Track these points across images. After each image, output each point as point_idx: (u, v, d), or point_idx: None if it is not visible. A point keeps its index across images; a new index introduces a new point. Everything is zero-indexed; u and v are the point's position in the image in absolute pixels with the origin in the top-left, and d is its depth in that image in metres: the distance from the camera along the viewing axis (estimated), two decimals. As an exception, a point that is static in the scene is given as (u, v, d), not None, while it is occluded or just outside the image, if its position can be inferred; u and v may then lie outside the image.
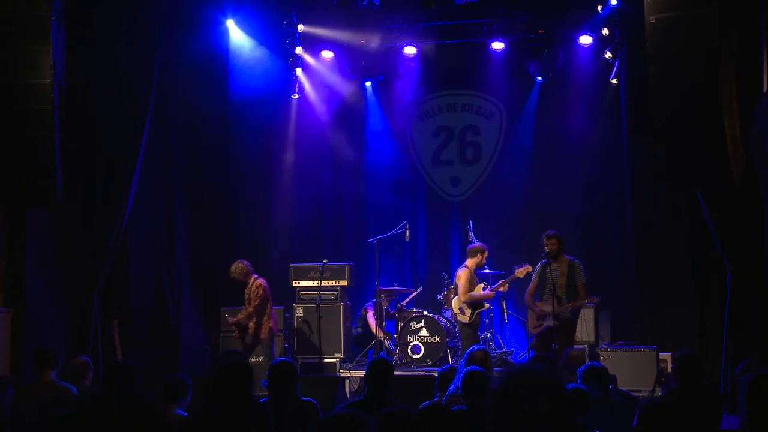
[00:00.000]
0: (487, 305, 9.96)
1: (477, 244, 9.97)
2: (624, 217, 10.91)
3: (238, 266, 9.64)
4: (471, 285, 9.76)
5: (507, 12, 11.10)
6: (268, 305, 9.64)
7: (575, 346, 7.67)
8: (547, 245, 9.02)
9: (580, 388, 5.19)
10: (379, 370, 5.25)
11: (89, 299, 8.89)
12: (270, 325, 9.60)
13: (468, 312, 9.80)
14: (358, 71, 11.98)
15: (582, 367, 5.99)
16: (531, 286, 9.31)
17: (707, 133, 8.18)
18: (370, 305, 10.90)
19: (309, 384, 7.78)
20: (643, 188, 10.42)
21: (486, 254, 9.87)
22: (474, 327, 9.84)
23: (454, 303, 9.93)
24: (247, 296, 9.62)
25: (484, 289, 9.83)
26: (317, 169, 12.12)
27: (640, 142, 10.23)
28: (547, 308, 8.90)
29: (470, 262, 9.85)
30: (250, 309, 9.49)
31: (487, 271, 10.68)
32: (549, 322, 8.85)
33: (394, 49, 11.78)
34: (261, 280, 9.63)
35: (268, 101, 11.81)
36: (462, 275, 9.80)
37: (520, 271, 9.51)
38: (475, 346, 6.49)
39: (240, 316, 9.55)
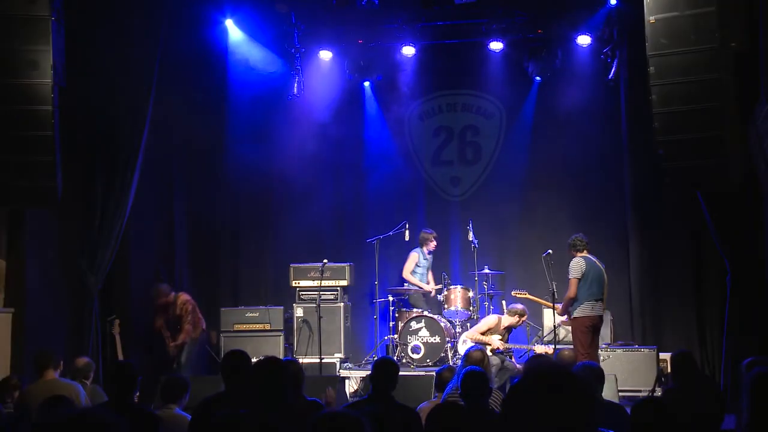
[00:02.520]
0: (489, 349, 9.62)
1: (519, 306, 9.60)
2: (624, 217, 10.91)
3: (159, 290, 9.74)
4: (488, 331, 9.57)
5: (506, 12, 11.08)
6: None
7: (564, 347, 7.72)
8: None
9: None
10: (385, 369, 5.26)
11: (89, 299, 8.88)
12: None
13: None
14: (357, 71, 11.97)
15: (578, 365, 5.99)
16: None
17: (707, 133, 8.19)
18: None
19: (309, 384, 7.76)
20: (643, 188, 10.42)
21: (523, 319, 9.60)
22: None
23: (467, 335, 9.76)
24: (177, 314, 9.71)
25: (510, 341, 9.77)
26: (317, 169, 12.08)
27: (640, 142, 10.24)
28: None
29: (506, 318, 9.62)
30: (188, 327, 9.62)
31: (487, 270, 10.69)
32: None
33: (393, 48, 11.77)
34: (184, 296, 9.75)
35: (267, 101, 11.79)
36: (488, 320, 9.68)
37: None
38: (473, 346, 6.54)
39: (182, 337, 9.64)
